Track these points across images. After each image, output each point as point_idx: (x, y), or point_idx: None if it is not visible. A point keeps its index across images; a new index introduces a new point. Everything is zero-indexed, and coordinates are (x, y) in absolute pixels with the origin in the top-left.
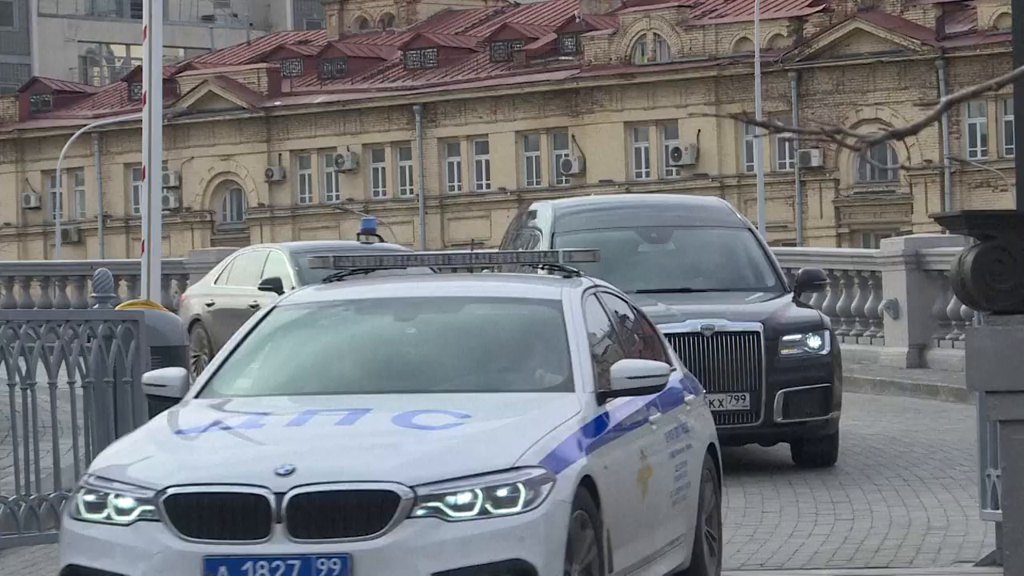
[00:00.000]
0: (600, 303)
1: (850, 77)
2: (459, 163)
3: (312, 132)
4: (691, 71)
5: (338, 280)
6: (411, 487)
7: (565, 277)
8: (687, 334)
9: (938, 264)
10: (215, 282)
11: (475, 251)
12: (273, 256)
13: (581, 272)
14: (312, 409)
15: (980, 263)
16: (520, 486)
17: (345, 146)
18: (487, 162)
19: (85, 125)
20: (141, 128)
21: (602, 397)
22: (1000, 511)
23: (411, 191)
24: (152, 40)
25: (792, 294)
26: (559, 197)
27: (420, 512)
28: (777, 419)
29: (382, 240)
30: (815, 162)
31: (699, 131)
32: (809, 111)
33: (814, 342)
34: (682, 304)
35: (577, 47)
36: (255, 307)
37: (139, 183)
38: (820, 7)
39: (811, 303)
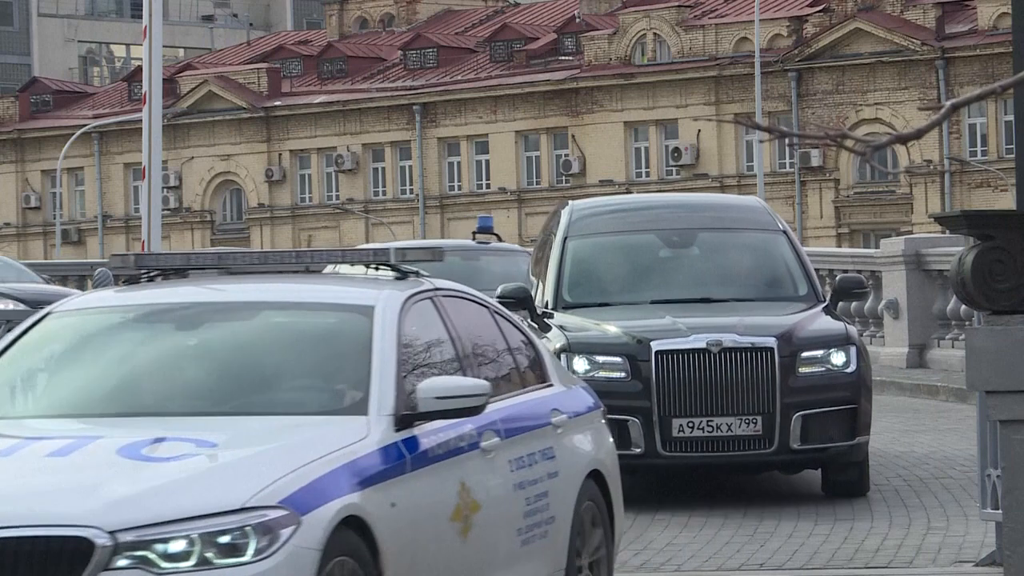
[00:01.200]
0: (438, 310)
1: (850, 77)
2: (459, 163)
3: (312, 132)
4: (691, 71)
5: (149, 281)
6: (111, 533)
7: (398, 279)
8: (692, 351)
9: (938, 264)
10: None
11: (300, 249)
12: None
13: (421, 272)
14: (35, 436)
15: (980, 263)
16: (249, 531)
17: (345, 146)
18: (487, 162)
19: (85, 125)
20: (141, 128)
21: (406, 420)
22: (1000, 511)
23: (411, 191)
24: (152, 40)
25: (825, 303)
26: (560, 197)
27: (122, 563)
28: (794, 445)
29: (500, 239)
30: (815, 162)
31: (699, 131)
32: (809, 111)
33: (838, 358)
34: (693, 317)
35: (577, 47)
36: None
37: (139, 183)
38: (820, 7)
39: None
